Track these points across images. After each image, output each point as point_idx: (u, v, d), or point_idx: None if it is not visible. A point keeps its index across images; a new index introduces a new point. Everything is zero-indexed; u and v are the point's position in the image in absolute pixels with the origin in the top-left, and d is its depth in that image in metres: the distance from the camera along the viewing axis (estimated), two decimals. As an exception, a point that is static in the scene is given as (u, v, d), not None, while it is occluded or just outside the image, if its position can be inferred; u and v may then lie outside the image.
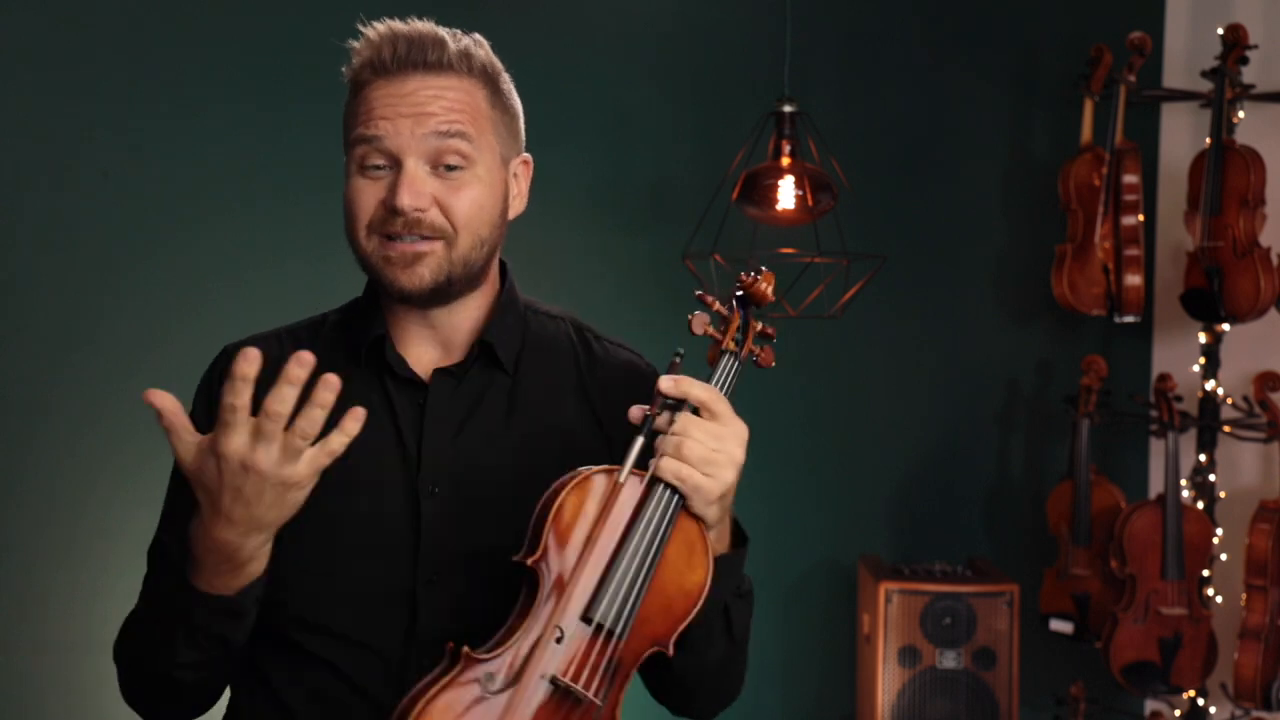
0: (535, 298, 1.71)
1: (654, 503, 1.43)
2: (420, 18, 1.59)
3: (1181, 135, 3.90)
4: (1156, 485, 3.83)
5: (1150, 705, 3.78)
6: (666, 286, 3.58)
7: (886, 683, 3.51)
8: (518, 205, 1.64)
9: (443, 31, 1.57)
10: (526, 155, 1.64)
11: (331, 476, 1.57)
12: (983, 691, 3.51)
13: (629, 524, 1.43)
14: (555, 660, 1.40)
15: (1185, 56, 3.87)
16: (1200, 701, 3.62)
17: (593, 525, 1.43)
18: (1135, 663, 3.54)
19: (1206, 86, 3.58)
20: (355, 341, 1.63)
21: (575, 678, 1.40)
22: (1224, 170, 3.45)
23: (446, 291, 1.56)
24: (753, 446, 1.50)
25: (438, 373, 1.60)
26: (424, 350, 1.62)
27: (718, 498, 1.46)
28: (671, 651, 1.46)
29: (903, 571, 3.61)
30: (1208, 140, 3.51)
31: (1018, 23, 3.92)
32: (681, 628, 1.46)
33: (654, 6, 3.72)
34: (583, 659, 1.40)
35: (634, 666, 1.45)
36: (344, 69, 1.60)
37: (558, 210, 3.51)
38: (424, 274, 1.54)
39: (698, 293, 1.53)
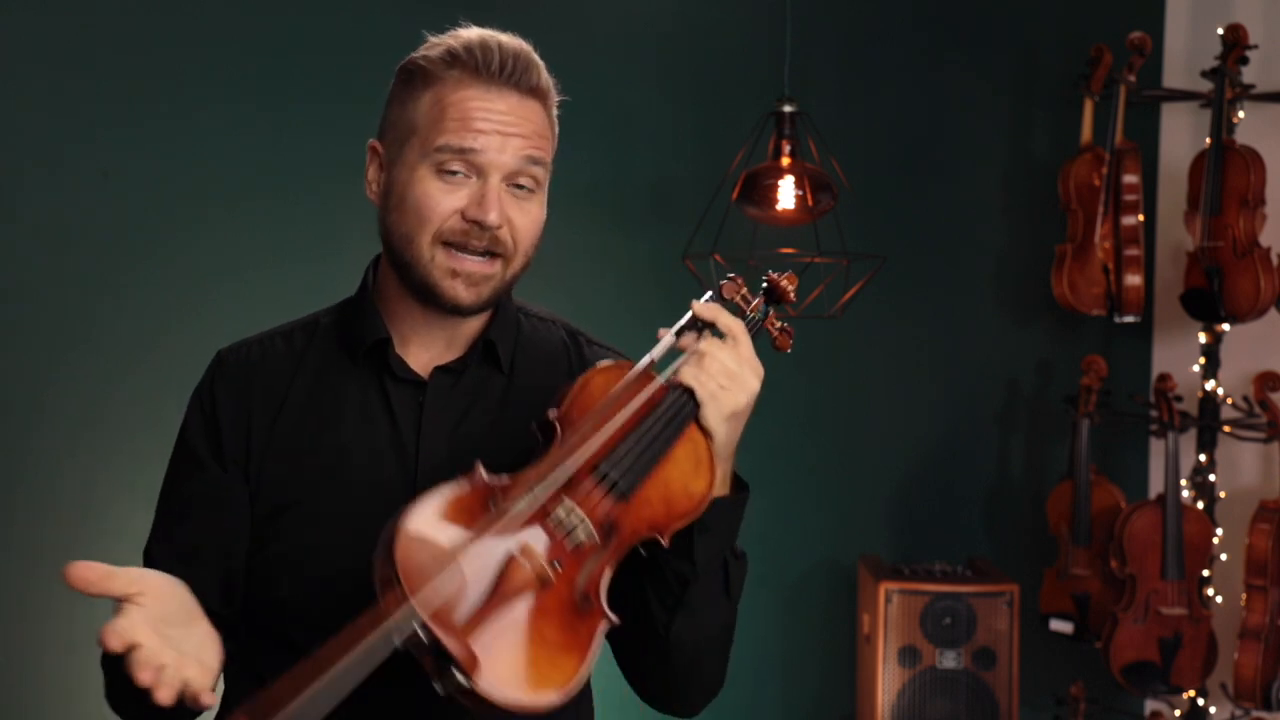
0: (524, 299, 1.72)
1: (670, 399, 1.50)
2: (482, 25, 1.59)
3: (1181, 135, 3.90)
4: (1156, 485, 3.83)
5: (1150, 705, 3.78)
6: (666, 286, 3.58)
7: (886, 683, 3.51)
8: None
9: (532, 52, 1.58)
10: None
11: (330, 477, 1.58)
12: (983, 691, 3.51)
13: (645, 412, 1.49)
14: (562, 497, 1.44)
15: (1185, 56, 3.87)
16: (1200, 701, 3.62)
17: (613, 402, 1.49)
18: (1135, 663, 3.54)
19: (1206, 86, 3.58)
20: (353, 343, 1.63)
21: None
22: (1224, 170, 3.45)
23: (488, 305, 1.59)
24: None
25: (437, 370, 1.61)
26: (424, 350, 1.62)
27: (729, 414, 1.50)
28: (667, 542, 1.49)
29: (903, 571, 3.61)
30: (1208, 140, 3.51)
31: (1018, 23, 3.92)
32: (678, 526, 1.49)
33: (654, 6, 3.72)
34: (586, 504, 1.44)
35: (628, 542, 1.47)
36: (418, 55, 1.56)
37: (558, 210, 3.48)
38: (484, 292, 1.56)
39: (730, 275, 1.61)
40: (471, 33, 1.57)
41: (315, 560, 1.56)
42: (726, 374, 1.50)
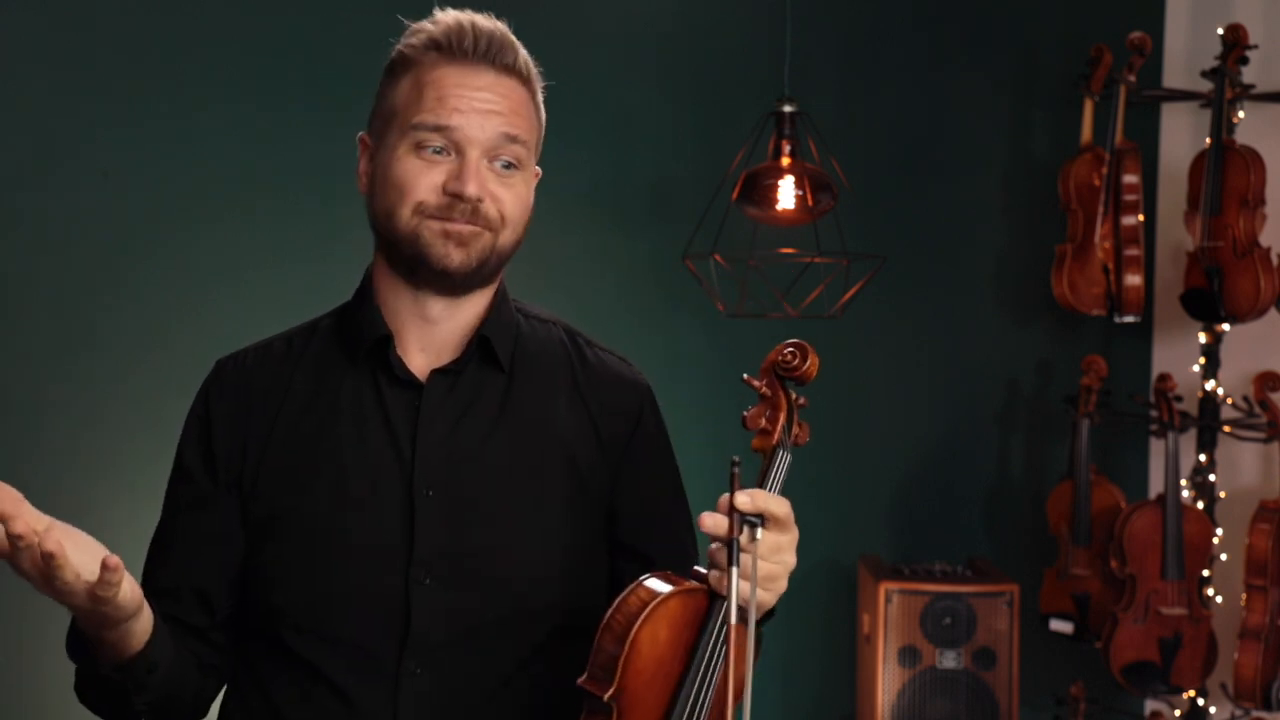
0: (521, 299, 1.71)
1: (716, 620, 1.44)
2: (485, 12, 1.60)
3: (1181, 135, 3.90)
4: (1156, 485, 3.83)
5: (1150, 705, 3.78)
6: (666, 287, 3.58)
7: (886, 683, 3.51)
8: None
9: (510, 33, 1.59)
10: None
11: (326, 481, 1.58)
12: (983, 691, 3.51)
13: (693, 641, 1.44)
14: None
15: (1185, 56, 3.87)
16: (1200, 701, 3.62)
17: (665, 650, 1.43)
18: (1135, 663, 3.54)
19: (1206, 86, 3.58)
20: (353, 342, 1.62)
21: None
22: (1224, 170, 3.45)
23: (478, 275, 1.58)
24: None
25: (435, 373, 1.60)
26: (419, 352, 1.62)
27: (773, 602, 1.49)
28: None
29: (903, 571, 3.61)
30: (1208, 140, 3.51)
31: (1018, 23, 3.92)
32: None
33: (654, 6, 3.72)
34: None
35: None
36: (401, 44, 1.59)
37: (558, 210, 3.50)
38: (473, 254, 1.55)
39: (745, 377, 1.54)
40: (448, 16, 1.58)
41: (311, 565, 1.56)
42: (770, 575, 1.46)
